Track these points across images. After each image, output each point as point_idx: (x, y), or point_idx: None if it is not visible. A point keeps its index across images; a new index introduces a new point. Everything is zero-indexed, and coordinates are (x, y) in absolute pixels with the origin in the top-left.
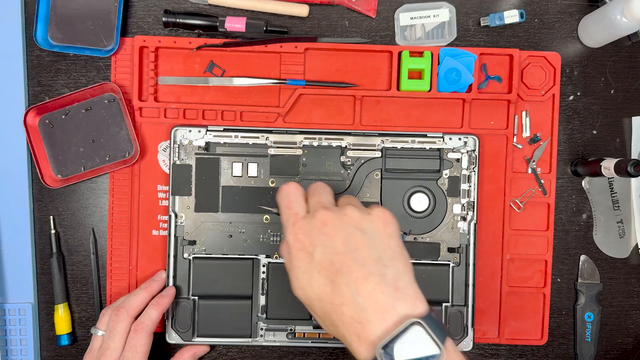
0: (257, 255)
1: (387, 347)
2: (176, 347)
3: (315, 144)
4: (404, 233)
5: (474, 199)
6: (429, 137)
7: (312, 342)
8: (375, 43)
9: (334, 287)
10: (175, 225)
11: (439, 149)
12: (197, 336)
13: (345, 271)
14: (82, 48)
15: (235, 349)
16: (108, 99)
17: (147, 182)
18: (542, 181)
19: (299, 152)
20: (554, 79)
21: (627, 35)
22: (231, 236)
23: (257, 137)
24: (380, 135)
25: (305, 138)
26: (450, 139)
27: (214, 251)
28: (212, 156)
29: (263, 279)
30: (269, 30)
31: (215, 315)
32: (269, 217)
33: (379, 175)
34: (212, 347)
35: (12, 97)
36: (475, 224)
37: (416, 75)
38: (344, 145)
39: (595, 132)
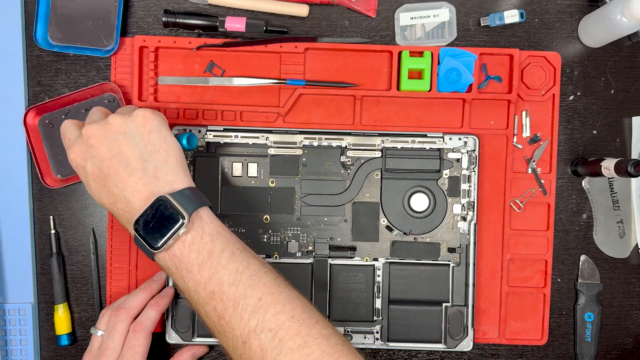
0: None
1: (139, 221)
2: (176, 347)
3: (315, 144)
4: (404, 233)
5: (474, 199)
6: (429, 137)
7: None
8: (375, 43)
9: (107, 190)
10: None
11: (439, 149)
12: (197, 336)
13: (112, 174)
14: (82, 48)
15: None
16: (108, 99)
17: None
18: (542, 181)
19: (299, 152)
20: (554, 79)
21: (627, 35)
22: None
23: (257, 137)
24: (380, 135)
25: (305, 138)
26: (450, 139)
27: None
28: (212, 156)
29: None
30: (269, 30)
31: None
32: (269, 217)
33: (379, 175)
34: (211, 347)
35: (12, 97)
36: (475, 224)
37: (416, 75)
38: (344, 145)
39: (595, 132)
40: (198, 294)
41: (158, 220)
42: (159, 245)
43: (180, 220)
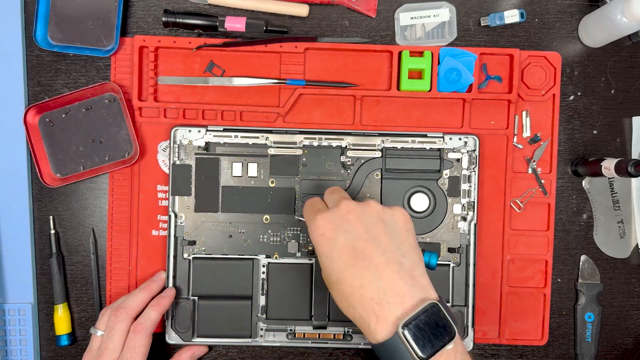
0: (257, 255)
1: (408, 326)
2: (176, 348)
3: (315, 144)
4: None
5: (474, 199)
6: (429, 137)
7: (312, 343)
8: (375, 43)
9: (354, 271)
10: (175, 226)
11: (439, 149)
12: (197, 336)
13: (366, 257)
14: (82, 48)
15: (235, 349)
16: (108, 99)
17: (147, 182)
18: (543, 181)
19: (299, 152)
20: (554, 79)
21: (628, 35)
22: (231, 236)
23: (257, 137)
24: (380, 135)
25: (305, 138)
26: (450, 139)
27: (214, 251)
28: (212, 156)
29: (263, 279)
30: (269, 30)
31: (215, 316)
32: (269, 217)
33: (379, 175)
34: (211, 347)
35: (12, 97)
36: (475, 224)
37: (416, 75)
38: (344, 145)
39: (595, 132)
40: None
41: (430, 328)
42: (426, 356)
43: (452, 333)
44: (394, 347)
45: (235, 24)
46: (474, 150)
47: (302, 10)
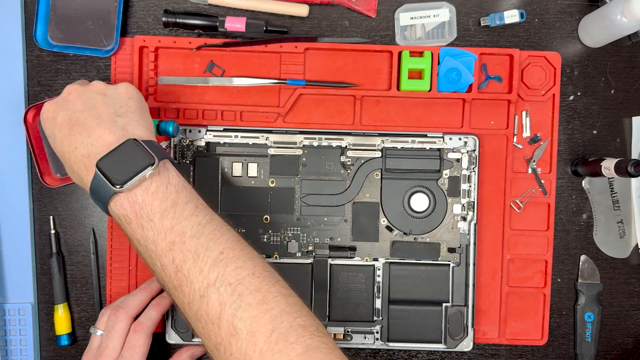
0: None
1: (101, 161)
2: (176, 347)
3: (315, 144)
4: (404, 233)
5: (474, 199)
6: (429, 137)
7: None
8: (375, 43)
9: (70, 138)
10: None
11: (439, 149)
12: (197, 336)
13: (80, 123)
14: (82, 48)
15: None
16: None
17: None
18: (542, 181)
19: (299, 152)
20: (554, 79)
21: (628, 35)
22: None
23: (257, 137)
24: (380, 135)
25: (305, 138)
26: (450, 139)
27: None
28: (212, 156)
29: None
30: (269, 30)
31: None
32: (269, 217)
33: (379, 175)
34: None
35: (12, 97)
36: (475, 224)
37: (416, 75)
38: (344, 145)
39: (595, 132)
40: (157, 244)
41: (125, 159)
42: (123, 181)
43: (149, 162)
44: (98, 186)
45: (235, 24)
46: (474, 150)
47: (302, 10)
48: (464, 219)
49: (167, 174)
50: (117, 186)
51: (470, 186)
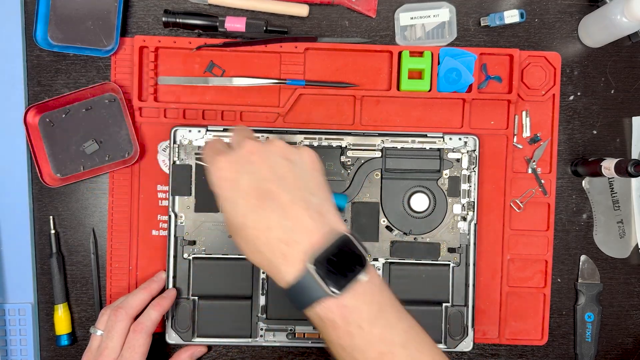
0: None
1: (317, 260)
2: (176, 348)
3: (315, 144)
4: (404, 233)
5: (474, 199)
6: (429, 137)
7: (312, 342)
8: (375, 43)
9: (259, 213)
10: (175, 225)
11: (439, 149)
12: (197, 336)
13: (272, 197)
14: (82, 48)
15: (235, 349)
16: (108, 99)
17: (147, 182)
18: (542, 181)
19: None
20: (554, 79)
21: (627, 35)
22: (231, 236)
23: (257, 137)
24: (380, 135)
25: (305, 138)
26: (450, 139)
27: (214, 251)
28: None
29: (263, 279)
30: (269, 30)
31: (215, 316)
32: None
33: (379, 175)
34: (211, 347)
35: (12, 97)
36: (475, 224)
37: (416, 75)
38: (344, 145)
39: (595, 132)
40: (365, 353)
41: (340, 260)
42: (342, 286)
43: (363, 263)
44: (306, 285)
45: (235, 24)
46: (474, 150)
47: (302, 10)
48: (464, 219)
49: (373, 275)
50: (334, 291)
51: (470, 186)
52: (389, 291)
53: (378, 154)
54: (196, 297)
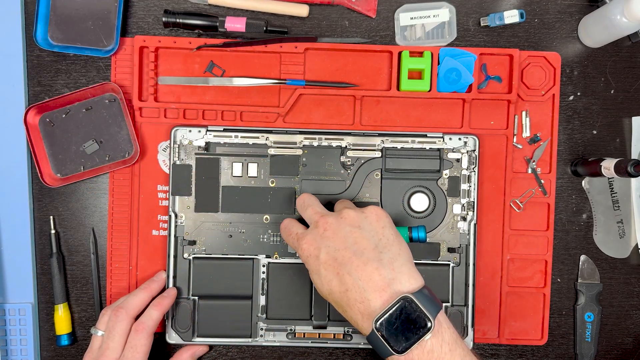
0: (257, 255)
1: (380, 322)
2: (176, 347)
3: (315, 144)
4: None
5: (474, 199)
6: (429, 137)
7: (312, 342)
8: (375, 43)
9: (339, 279)
10: (175, 225)
11: (439, 149)
12: (197, 336)
13: (346, 263)
14: (82, 48)
15: (235, 349)
16: (109, 99)
17: (147, 182)
18: (542, 181)
19: (299, 152)
20: (554, 79)
21: (627, 35)
22: (231, 236)
23: (257, 137)
24: (380, 135)
25: (305, 138)
26: (450, 139)
27: (214, 251)
28: (212, 156)
29: (263, 279)
30: (269, 30)
31: (215, 315)
32: (269, 217)
33: (379, 175)
34: (211, 347)
35: (12, 97)
36: (475, 224)
37: (416, 75)
38: (344, 145)
39: (595, 132)
40: None
41: (403, 322)
42: (402, 349)
43: (427, 325)
44: (377, 343)
45: (235, 24)
46: (474, 150)
47: (302, 10)
48: (464, 219)
49: (440, 330)
50: (397, 353)
51: (470, 186)
52: (463, 349)
53: (378, 154)
54: (196, 297)
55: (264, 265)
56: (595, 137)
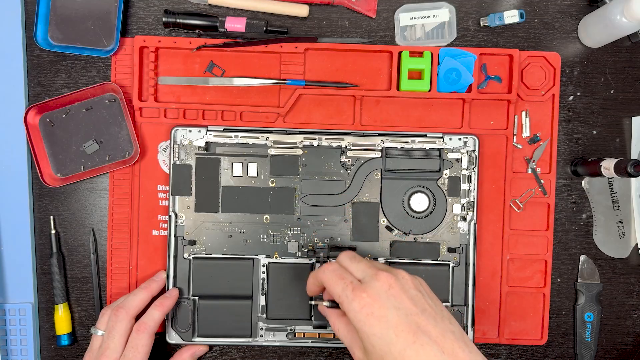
0: (257, 255)
1: None
2: (176, 347)
3: (315, 144)
4: (404, 233)
5: (473, 199)
6: (429, 137)
7: (312, 342)
8: (375, 43)
9: (416, 349)
10: (175, 225)
11: (439, 149)
12: (197, 336)
13: (424, 331)
14: (82, 48)
15: (235, 349)
16: (109, 99)
17: (147, 182)
18: (542, 181)
19: (299, 152)
20: (553, 79)
21: (627, 35)
22: (231, 236)
23: (257, 137)
24: (380, 135)
25: (305, 138)
26: (450, 139)
27: (214, 251)
28: (212, 156)
29: (263, 279)
30: (269, 30)
31: (215, 315)
32: (269, 217)
33: (379, 175)
34: (212, 347)
35: (12, 98)
36: (475, 224)
37: (416, 75)
38: (344, 145)
39: (595, 132)
40: None
41: None
42: None
43: None
44: None
45: (236, 24)
46: (474, 150)
47: (302, 10)
48: (464, 219)
49: None
50: None
51: (470, 186)
52: None
53: (378, 154)
54: (196, 297)
55: (264, 265)
56: (595, 137)
